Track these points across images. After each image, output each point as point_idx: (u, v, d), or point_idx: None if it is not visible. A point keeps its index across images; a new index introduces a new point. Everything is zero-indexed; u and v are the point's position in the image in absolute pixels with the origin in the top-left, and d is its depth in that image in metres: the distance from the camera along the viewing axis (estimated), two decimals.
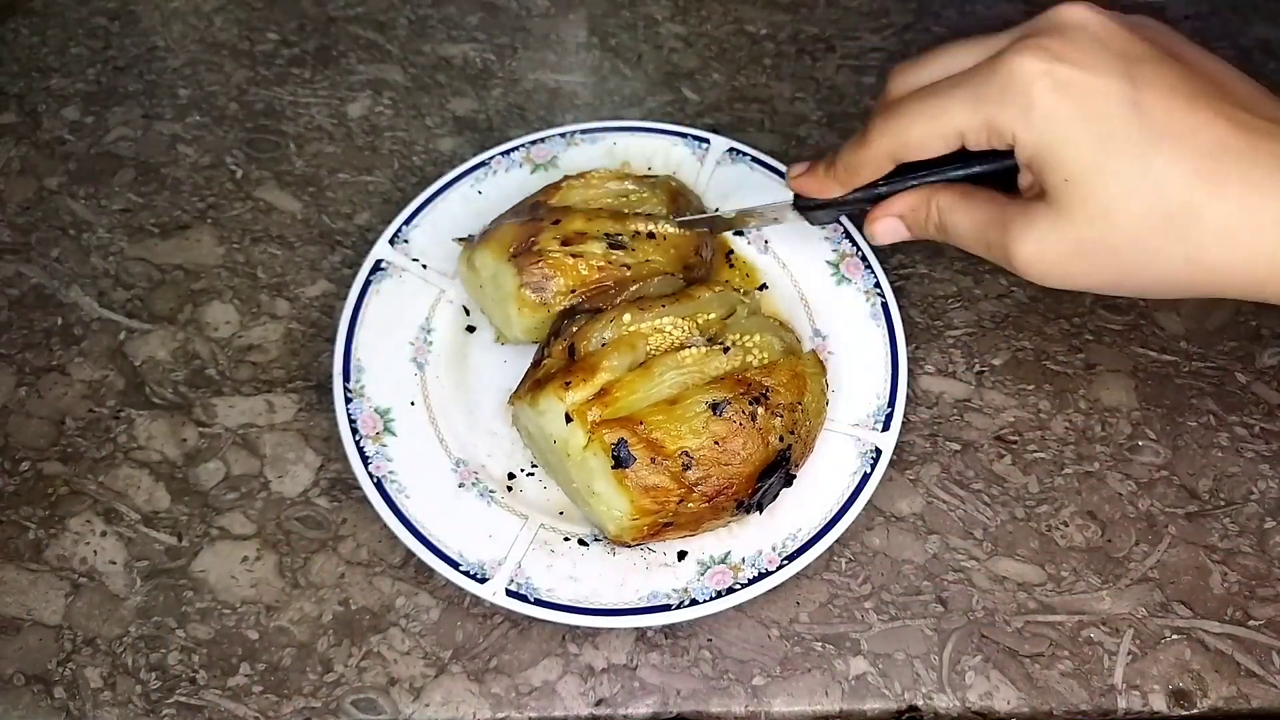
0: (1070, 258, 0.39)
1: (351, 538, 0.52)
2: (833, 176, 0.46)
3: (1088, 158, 0.37)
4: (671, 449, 0.46)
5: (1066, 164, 0.37)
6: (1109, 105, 0.37)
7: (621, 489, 0.46)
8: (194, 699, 0.48)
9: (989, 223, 0.41)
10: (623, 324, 0.50)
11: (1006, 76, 0.38)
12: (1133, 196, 0.37)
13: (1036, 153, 0.38)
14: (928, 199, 0.44)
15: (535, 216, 0.54)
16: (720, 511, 0.48)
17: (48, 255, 0.62)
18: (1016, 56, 0.38)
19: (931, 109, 0.40)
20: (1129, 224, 0.37)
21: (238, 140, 0.68)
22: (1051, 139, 0.37)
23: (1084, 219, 0.38)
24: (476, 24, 0.74)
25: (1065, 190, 0.38)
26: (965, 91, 0.39)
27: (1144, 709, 0.48)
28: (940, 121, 0.40)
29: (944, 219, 0.44)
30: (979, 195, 0.43)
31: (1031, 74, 0.37)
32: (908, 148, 0.42)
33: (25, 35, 0.73)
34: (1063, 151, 0.37)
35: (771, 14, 0.75)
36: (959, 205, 0.43)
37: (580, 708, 0.48)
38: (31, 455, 0.55)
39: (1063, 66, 0.37)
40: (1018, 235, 0.40)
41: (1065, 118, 0.37)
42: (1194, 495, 0.54)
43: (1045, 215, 0.39)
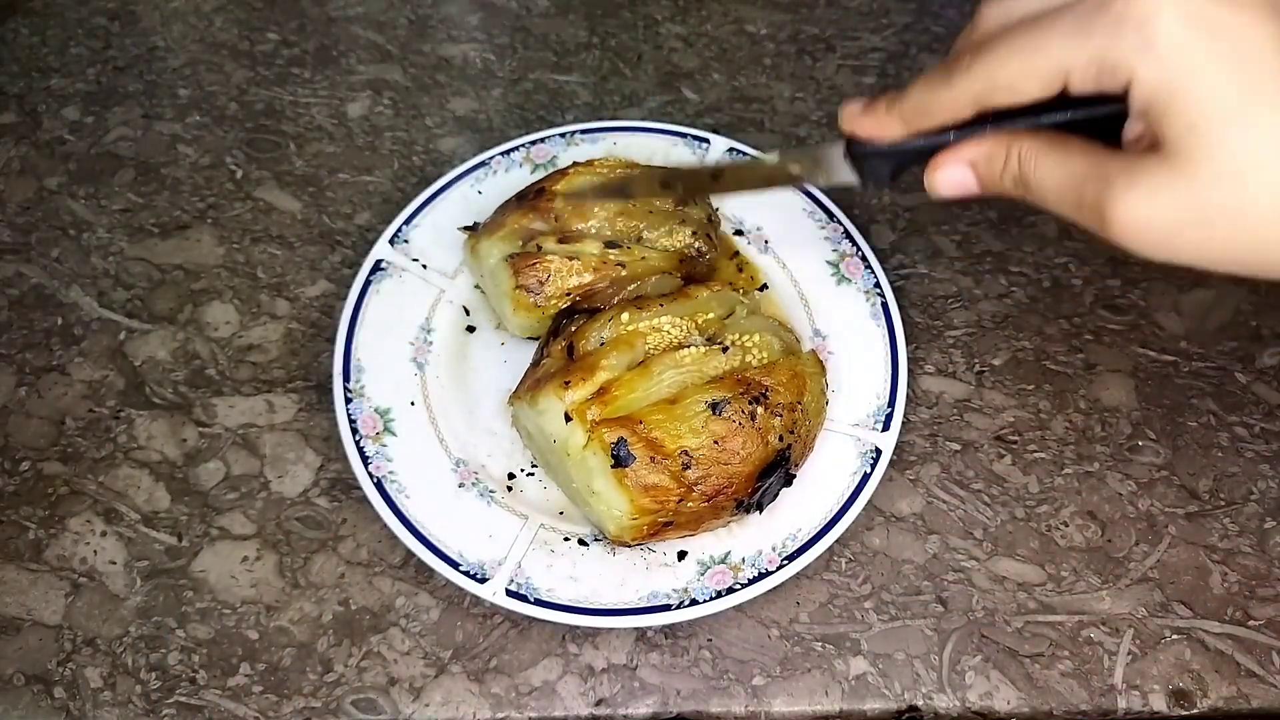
0: (1185, 224, 0.32)
1: (351, 538, 0.52)
2: (898, 115, 0.38)
3: (1224, 104, 0.30)
4: (671, 448, 0.46)
5: (1195, 108, 0.31)
6: (1254, 44, 0.30)
7: (621, 488, 0.46)
8: (194, 699, 0.48)
9: (1086, 175, 0.34)
10: (621, 323, 0.50)
11: (1124, 4, 0.31)
12: (1275, 153, 0.30)
13: (1158, 92, 0.31)
14: (1008, 145, 0.36)
15: (539, 204, 0.55)
16: (720, 511, 0.48)
17: (48, 255, 0.62)
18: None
19: (1032, 42, 0.33)
20: (1268, 190, 0.31)
21: (238, 140, 0.68)
22: (1180, 76, 0.31)
23: (1210, 178, 0.31)
24: (476, 24, 0.74)
25: (1189, 141, 0.31)
26: (1073, 21, 0.32)
27: (1144, 709, 0.48)
28: (1042, 56, 0.33)
29: (1026, 169, 0.36)
30: (1073, 144, 0.35)
31: (1156, 3, 0.31)
32: (998, 90, 0.34)
33: (25, 35, 0.73)
34: (1192, 93, 0.31)
35: (771, 14, 0.75)
36: (1048, 153, 0.35)
37: (580, 708, 0.48)
38: (31, 455, 0.55)
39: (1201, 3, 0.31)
40: (1122, 192, 0.33)
41: (1199, 53, 0.30)
42: (1194, 495, 0.54)
43: (1160, 170, 0.32)
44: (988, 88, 0.35)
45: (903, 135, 0.38)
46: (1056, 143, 0.35)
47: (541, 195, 0.55)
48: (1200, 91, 0.31)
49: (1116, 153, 0.34)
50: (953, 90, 0.35)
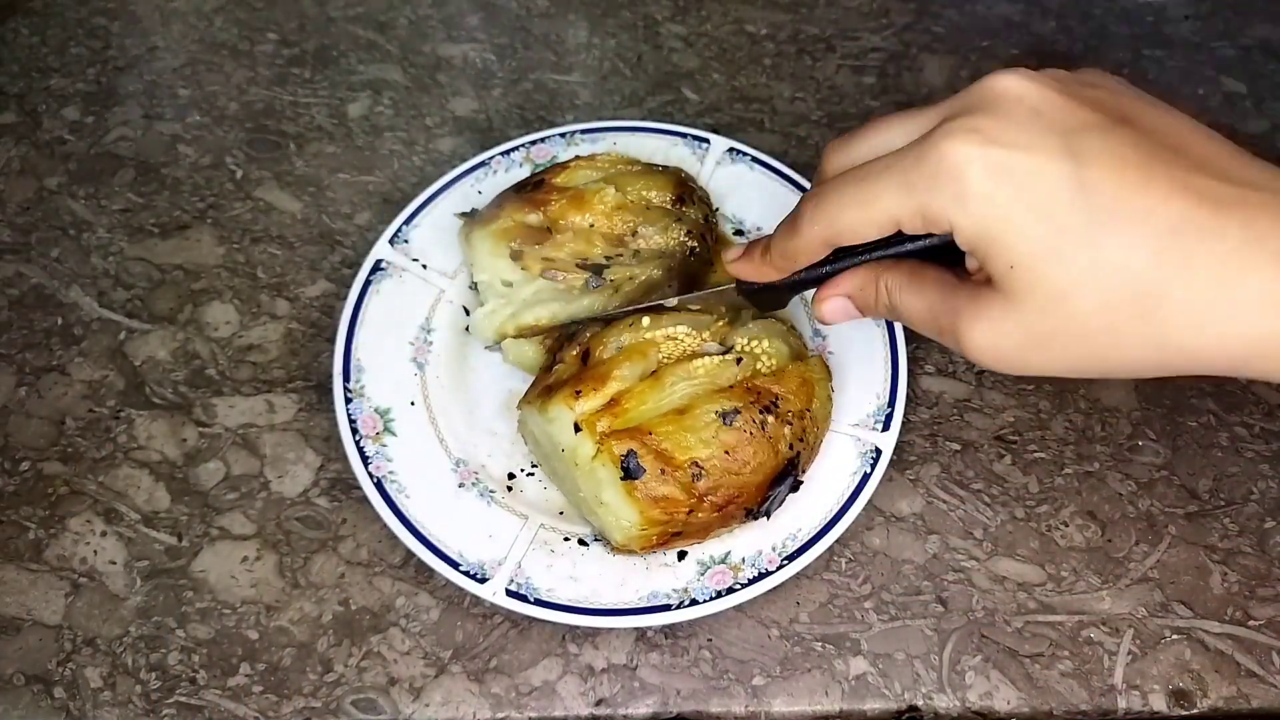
0: (1026, 347, 0.36)
1: (351, 538, 0.52)
2: (769, 263, 0.43)
3: (1033, 244, 0.34)
4: (681, 460, 0.46)
5: (1010, 251, 0.34)
6: (1051, 186, 0.33)
7: (630, 500, 0.46)
8: (194, 699, 0.48)
9: (939, 308, 0.38)
10: (641, 328, 0.50)
11: (937, 161, 0.34)
12: (1088, 283, 0.34)
13: (977, 240, 0.35)
14: (875, 277, 0.41)
15: (536, 197, 0.55)
16: (729, 520, 0.48)
17: (48, 255, 0.62)
18: (946, 140, 0.34)
19: (862, 195, 0.37)
20: (1086, 312, 0.34)
21: (238, 140, 0.68)
22: (991, 226, 0.34)
23: (1035, 308, 0.35)
24: (476, 24, 0.74)
25: (1012, 278, 0.35)
26: (895, 177, 0.36)
27: (1144, 709, 0.48)
28: (872, 208, 0.36)
29: (894, 300, 0.40)
30: (928, 276, 0.39)
31: (964, 158, 0.34)
32: (841, 234, 0.38)
33: (25, 35, 0.73)
34: (1004, 238, 0.34)
35: (771, 14, 0.75)
36: (907, 286, 0.40)
37: (580, 708, 0.48)
38: (31, 455, 0.55)
39: (996, 149, 0.34)
40: (968, 324, 0.37)
41: (1004, 203, 0.34)
42: (1194, 495, 0.54)
43: (995, 303, 0.36)
44: (832, 232, 0.38)
45: (778, 278, 0.44)
46: (915, 275, 0.40)
47: (540, 188, 0.55)
48: (1012, 236, 0.34)
49: (963, 284, 0.38)
50: (802, 237, 0.40)
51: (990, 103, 0.35)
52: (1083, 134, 0.34)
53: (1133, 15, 0.75)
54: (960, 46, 0.73)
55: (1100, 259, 0.33)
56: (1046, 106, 0.35)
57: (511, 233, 0.54)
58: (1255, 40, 0.73)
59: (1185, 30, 0.74)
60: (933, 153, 0.34)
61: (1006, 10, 0.75)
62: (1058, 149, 0.34)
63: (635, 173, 0.57)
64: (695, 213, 0.57)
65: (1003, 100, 0.35)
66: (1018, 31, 0.74)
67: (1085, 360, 0.36)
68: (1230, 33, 0.74)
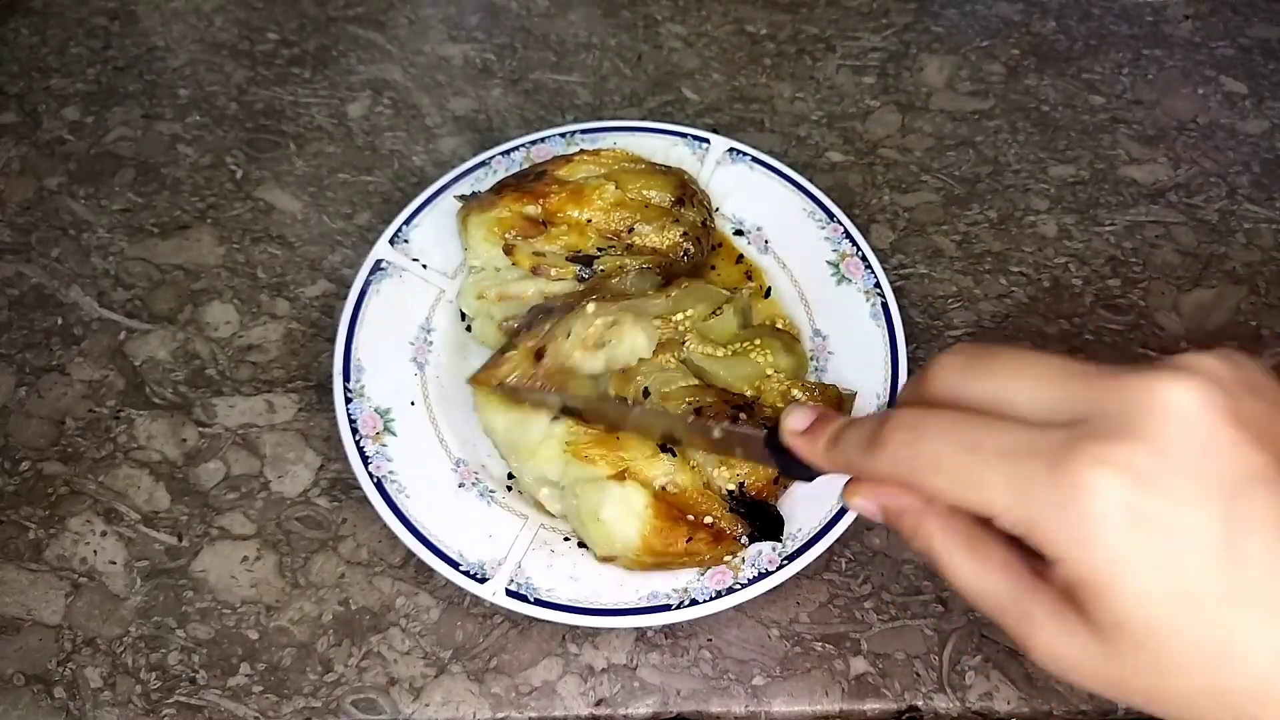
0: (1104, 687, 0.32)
1: (351, 538, 0.52)
2: (829, 459, 0.37)
3: (1153, 612, 0.29)
4: (699, 512, 0.47)
5: (1124, 611, 0.30)
6: (1196, 554, 0.29)
7: (641, 538, 0.46)
8: (194, 699, 0.48)
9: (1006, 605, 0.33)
10: (586, 314, 0.50)
11: (1075, 486, 0.29)
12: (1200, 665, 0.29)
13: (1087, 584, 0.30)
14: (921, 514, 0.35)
15: (536, 188, 0.55)
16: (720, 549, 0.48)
17: (48, 255, 0.62)
18: (1094, 469, 0.29)
19: (967, 473, 0.31)
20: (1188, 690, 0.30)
21: (238, 140, 0.68)
22: (1111, 580, 0.29)
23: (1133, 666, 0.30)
24: (476, 24, 0.74)
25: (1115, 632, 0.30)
26: (1015, 480, 0.30)
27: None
28: (971, 492, 0.31)
29: (938, 554, 0.35)
30: (991, 552, 0.33)
31: (1109, 501, 0.29)
32: (917, 486, 0.33)
33: (25, 35, 0.73)
34: (1122, 597, 0.29)
35: (771, 14, 0.75)
36: (965, 555, 0.34)
37: (580, 708, 0.48)
38: (31, 455, 0.55)
39: (1146, 497, 0.28)
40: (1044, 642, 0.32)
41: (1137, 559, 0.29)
42: None
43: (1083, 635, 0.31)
44: (907, 480, 0.34)
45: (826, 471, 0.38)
46: (974, 545, 0.34)
47: (541, 179, 0.55)
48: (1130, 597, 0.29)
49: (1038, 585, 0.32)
50: (876, 463, 0.34)
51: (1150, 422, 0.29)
52: (1249, 491, 0.29)
53: (1133, 15, 0.75)
54: (960, 46, 0.73)
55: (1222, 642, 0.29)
56: (1217, 444, 0.29)
57: (507, 223, 0.55)
58: (1255, 40, 0.73)
59: (1185, 30, 0.74)
60: (1074, 475, 0.29)
61: (1006, 10, 0.75)
62: (1217, 510, 0.29)
63: (637, 171, 0.57)
64: (694, 215, 0.57)
65: (1170, 424, 0.29)
66: (1018, 31, 0.74)
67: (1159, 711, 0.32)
68: (1230, 33, 0.74)
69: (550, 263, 0.54)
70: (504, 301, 0.54)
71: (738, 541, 0.47)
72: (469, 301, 0.55)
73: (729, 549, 0.47)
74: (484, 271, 0.56)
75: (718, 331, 0.52)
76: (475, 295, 0.55)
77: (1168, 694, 0.31)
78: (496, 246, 0.54)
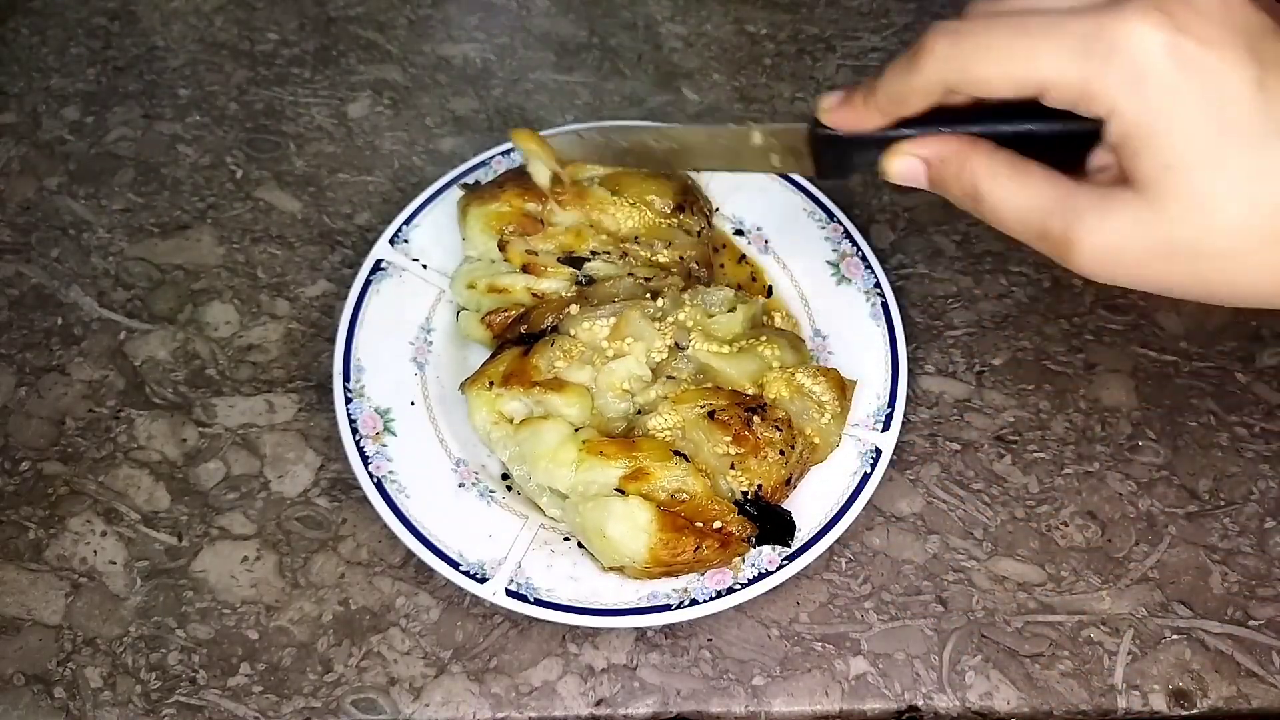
0: (1151, 258, 0.34)
1: (351, 538, 0.52)
2: (874, 105, 0.37)
3: (1202, 145, 0.32)
4: (710, 517, 0.47)
5: (1175, 149, 0.32)
6: (1235, 88, 0.31)
7: (648, 551, 0.46)
8: (194, 699, 0.48)
9: (1051, 207, 0.35)
10: (572, 320, 0.51)
11: (1123, 36, 0.31)
12: (1243, 196, 0.32)
13: (1139, 130, 0.32)
14: (965, 153, 0.36)
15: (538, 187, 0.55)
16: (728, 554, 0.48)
17: (48, 255, 0.62)
18: (1137, 16, 0.31)
19: (1017, 44, 0.33)
20: (1233, 228, 0.32)
21: (238, 140, 0.68)
22: (1163, 118, 0.32)
23: (1180, 215, 0.32)
24: (476, 24, 0.74)
25: (1164, 179, 0.32)
26: (1065, 38, 0.32)
27: (1144, 709, 0.48)
28: (1024, 62, 0.33)
29: (982, 186, 0.36)
30: (1034, 170, 0.35)
31: (1153, 42, 0.31)
32: (970, 82, 0.34)
33: (25, 35, 0.73)
34: (1174, 134, 0.32)
35: (771, 14, 0.75)
36: (1009, 178, 0.35)
37: (580, 708, 0.48)
38: (31, 455, 0.55)
39: (1187, 39, 0.31)
40: (1091, 227, 0.34)
41: (1184, 96, 0.31)
42: (1194, 495, 0.54)
43: (1131, 206, 0.33)
44: (961, 78, 0.34)
45: (881, 125, 0.38)
46: (1017, 167, 0.35)
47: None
48: (1180, 134, 0.32)
49: (1083, 184, 0.35)
50: (924, 76, 0.35)
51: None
52: (1266, 38, 0.32)
53: None
54: None
55: (1264, 171, 0.32)
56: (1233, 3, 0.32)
57: (506, 218, 0.55)
58: None
59: None
60: (1119, 25, 0.32)
61: None
62: (1245, 50, 0.32)
63: (640, 175, 0.57)
64: (694, 222, 0.57)
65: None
66: None
67: (1205, 281, 0.34)
68: None
69: (542, 261, 0.54)
70: (492, 294, 0.54)
71: (746, 544, 0.47)
72: (459, 290, 0.55)
73: (737, 551, 0.47)
74: (478, 262, 0.56)
75: (724, 330, 0.52)
76: (466, 284, 0.55)
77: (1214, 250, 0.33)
78: (493, 239, 0.55)
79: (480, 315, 0.54)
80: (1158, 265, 0.34)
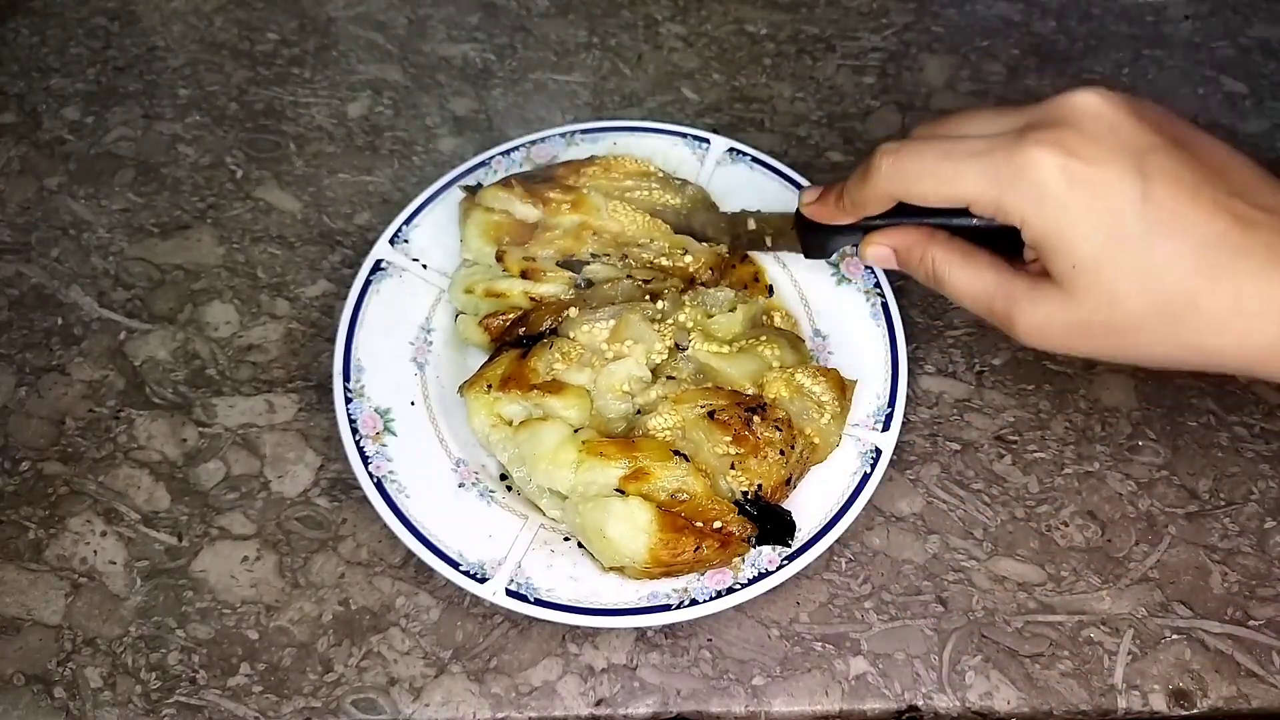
0: (1075, 335, 0.41)
1: (351, 538, 0.52)
2: (842, 206, 0.47)
3: (1097, 249, 0.39)
4: (710, 517, 0.47)
5: (1075, 253, 0.39)
6: (1119, 199, 0.38)
7: (648, 551, 0.46)
8: (194, 699, 0.48)
9: (994, 291, 0.43)
10: (571, 323, 0.51)
11: (1023, 163, 0.39)
12: (1137, 287, 0.39)
13: (1046, 238, 0.40)
14: (925, 243, 0.45)
15: (540, 190, 0.56)
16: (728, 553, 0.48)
17: (48, 255, 0.62)
18: (1035, 146, 0.39)
19: (944, 169, 0.41)
20: (1132, 311, 0.39)
21: (238, 140, 0.68)
22: (1062, 229, 0.39)
23: (1090, 304, 0.40)
24: (476, 24, 0.74)
25: (1072, 276, 0.40)
26: (981, 165, 0.40)
27: (1144, 709, 0.48)
28: (951, 185, 0.41)
29: (940, 271, 0.45)
30: (981, 259, 0.44)
31: (1048, 166, 0.39)
32: (911, 196, 0.43)
33: (25, 35, 0.73)
34: (1072, 241, 0.39)
35: (771, 14, 0.75)
36: (961, 265, 0.44)
37: (580, 708, 0.48)
38: (31, 455, 0.55)
39: (1077, 162, 0.38)
40: (1025, 310, 0.42)
41: (1077, 210, 0.38)
42: (1194, 495, 0.54)
43: (1052, 295, 0.41)
44: (904, 192, 0.43)
45: (850, 221, 0.47)
46: (969, 256, 0.44)
47: (549, 183, 0.56)
48: (1079, 240, 0.39)
49: (1019, 273, 0.43)
50: (874, 189, 0.44)
51: (1073, 117, 0.39)
52: (1150, 154, 0.39)
53: (1133, 15, 0.75)
54: (960, 46, 0.73)
55: (1150, 266, 0.38)
56: (1121, 126, 0.39)
57: (502, 228, 0.55)
58: (1255, 40, 0.73)
59: (1185, 30, 0.74)
60: (1020, 155, 0.39)
61: (1006, 10, 0.75)
62: (1129, 167, 0.38)
63: (649, 191, 0.57)
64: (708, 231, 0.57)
65: (1084, 116, 0.39)
66: (1018, 31, 0.74)
67: (1120, 350, 0.41)
68: (1230, 33, 0.74)
69: (540, 266, 0.54)
70: (489, 298, 0.54)
71: (746, 544, 0.47)
72: (457, 294, 0.55)
73: (737, 551, 0.47)
74: (476, 266, 0.56)
75: (724, 330, 0.52)
76: (464, 288, 0.55)
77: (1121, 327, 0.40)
78: (491, 244, 0.55)
79: (478, 319, 0.54)
80: (1081, 340, 0.41)
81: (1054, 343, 0.42)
